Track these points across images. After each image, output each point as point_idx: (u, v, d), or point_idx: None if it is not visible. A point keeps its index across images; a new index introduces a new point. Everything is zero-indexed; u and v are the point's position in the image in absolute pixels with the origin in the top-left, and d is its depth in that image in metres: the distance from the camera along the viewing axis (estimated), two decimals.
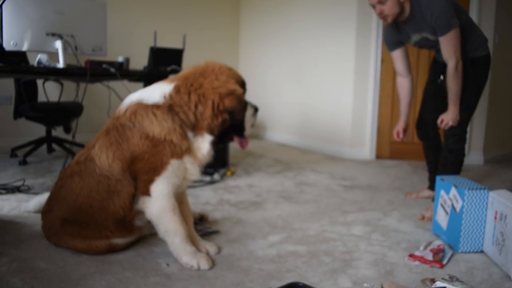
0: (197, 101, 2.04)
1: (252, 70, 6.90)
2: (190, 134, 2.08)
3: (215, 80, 2.05)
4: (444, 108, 3.03)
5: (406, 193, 3.51)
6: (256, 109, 2.22)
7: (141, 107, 2.04)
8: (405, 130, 3.25)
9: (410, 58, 3.22)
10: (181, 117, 2.04)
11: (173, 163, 2.02)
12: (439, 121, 2.99)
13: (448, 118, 2.93)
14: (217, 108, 2.03)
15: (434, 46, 3.05)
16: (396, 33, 3.11)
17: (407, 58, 3.22)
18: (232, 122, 2.08)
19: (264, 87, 6.61)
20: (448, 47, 2.84)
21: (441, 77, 3.18)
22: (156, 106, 2.03)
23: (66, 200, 2.12)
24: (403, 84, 3.25)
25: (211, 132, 2.07)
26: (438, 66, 3.21)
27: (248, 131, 2.20)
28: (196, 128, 2.07)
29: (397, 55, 3.19)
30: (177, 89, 2.06)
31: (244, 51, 7.17)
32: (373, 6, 2.96)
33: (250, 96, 2.25)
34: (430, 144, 3.34)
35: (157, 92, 2.08)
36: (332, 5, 5.33)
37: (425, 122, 3.30)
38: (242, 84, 2.16)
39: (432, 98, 3.28)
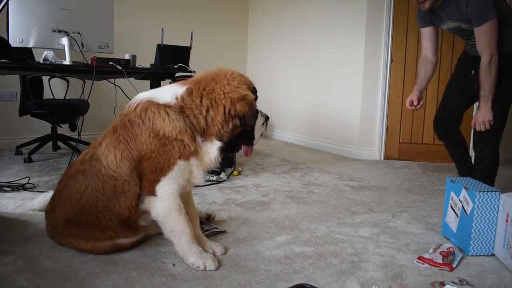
0: (208, 105, 2.03)
1: (260, 69, 6.88)
2: (198, 139, 2.06)
3: (226, 85, 2.04)
4: (468, 106, 2.90)
5: None
6: (267, 118, 2.21)
7: (152, 105, 2.02)
8: (419, 99, 3.04)
9: None
10: (191, 120, 2.03)
11: (180, 164, 2.00)
12: (472, 125, 2.82)
13: (478, 117, 2.78)
14: (228, 113, 2.02)
15: (467, 36, 2.91)
16: (429, 14, 2.98)
17: (437, 39, 3.07)
18: (242, 128, 2.07)
19: (272, 85, 6.58)
20: (483, 39, 2.69)
21: (472, 72, 3.02)
22: (167, 106, 2.02)
23: (69, 200, 2.10)
24: (427, 62, 3.07)
25: (220, 138, 2.06)
26: (469, 60, 3.07)
27: (257, 140, 2.20)
28: (205, 133, 2.06)
29: (427, 32, 3.05)
30: (189, 92, 2.05)
31: (252, 49, 7.14)
32: None
33: (258, 95, 2.23)
34: (451, 143, 3.21)
35: (169, 93, 2.07)
36: (342, 4, 5.29)
37: (444, 120, 3.17)
38: (254, 90, 2.15)
39: (457, 94, 3.12)
